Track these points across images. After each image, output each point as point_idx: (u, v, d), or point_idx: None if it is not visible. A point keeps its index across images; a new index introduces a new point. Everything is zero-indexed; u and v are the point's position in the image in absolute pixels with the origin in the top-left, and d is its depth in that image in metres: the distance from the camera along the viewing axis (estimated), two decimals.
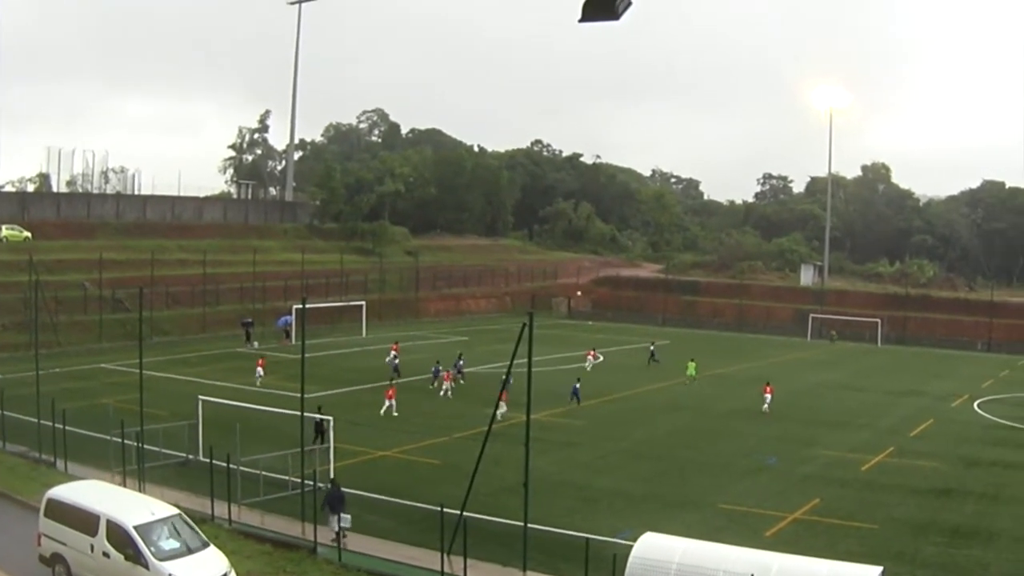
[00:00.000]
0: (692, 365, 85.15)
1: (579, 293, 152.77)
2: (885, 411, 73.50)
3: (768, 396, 73.28)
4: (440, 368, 76.78)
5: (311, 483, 37.81)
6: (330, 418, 45.62)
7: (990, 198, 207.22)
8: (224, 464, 38.51)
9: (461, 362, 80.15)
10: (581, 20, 16.70)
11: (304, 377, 39.58)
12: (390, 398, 64.66)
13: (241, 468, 40.23)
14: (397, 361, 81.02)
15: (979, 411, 74.88)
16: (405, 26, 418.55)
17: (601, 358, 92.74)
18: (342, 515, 36.71)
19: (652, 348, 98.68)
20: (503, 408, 62.91)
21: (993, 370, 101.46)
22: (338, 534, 36.37)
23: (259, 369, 76.45)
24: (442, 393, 72.44)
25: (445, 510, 33.29)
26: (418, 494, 42.25)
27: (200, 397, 49.41)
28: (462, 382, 76.60)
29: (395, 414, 63.35)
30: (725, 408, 71.80)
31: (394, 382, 71.21)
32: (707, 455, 55.37)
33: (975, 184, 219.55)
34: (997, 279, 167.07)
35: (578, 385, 72.92)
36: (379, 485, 44.30)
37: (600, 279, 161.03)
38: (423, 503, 39.81)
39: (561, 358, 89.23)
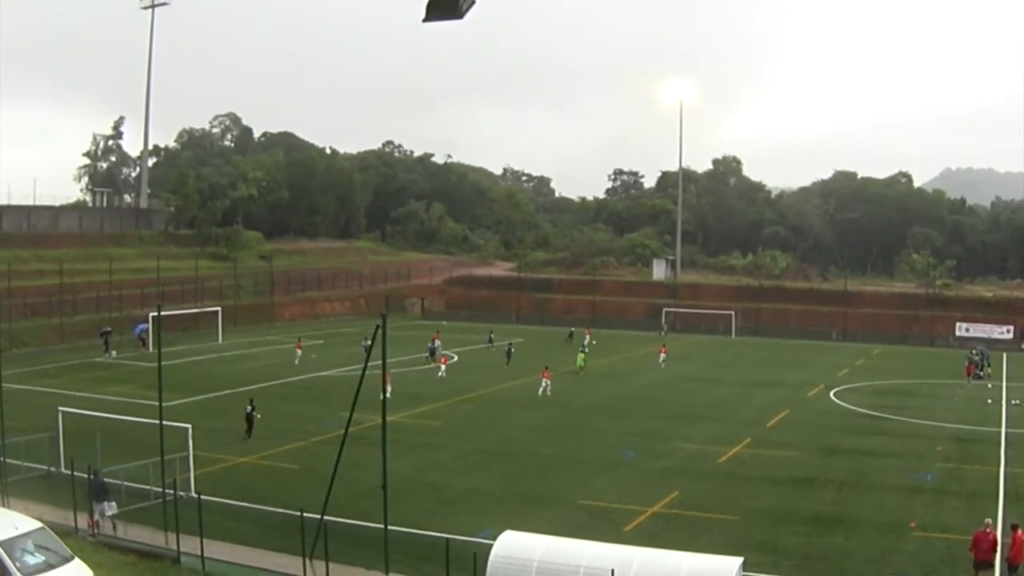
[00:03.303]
0: (581, 356, 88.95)
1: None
2: (741, 403, 74.93)
3: (663, 355, 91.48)
4: (437, 346, 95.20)
5: (172, 492, 38.13)
6: (188, 426, 45.30)
7: (842, 188, 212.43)
8: (86, 475, 38.80)
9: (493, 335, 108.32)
10: (425, 20, 17.25)
11: (161, 385, 40.01)
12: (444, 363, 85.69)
13: (103, 479, 40.26)
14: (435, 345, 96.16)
15: (836, 400, 76.58)
16: (257, 31, 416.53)
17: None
18: (107, 503, 38.04)
19: (572, 332, 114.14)
20: (546, 383, 74.47)
21: (849, 359, 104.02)
22: (97, 521, 37.91)
23: (298, 351, 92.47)
24: (439, 375, 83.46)
25: (305, 515, 33.64)
26: (278, 500, 42.07)
27: (60, 408, 48.94)
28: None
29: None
30: (581, 404, 72.42)
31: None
32: (565, 452, 55.75)
33: (827, 175, 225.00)
34: (851, 269, 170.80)
35: (586, 350, 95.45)
36: (240, 492, 44.33)
37: (453, 279, 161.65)
38: (284, 508, 39.41)
39: (416, 359, 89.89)
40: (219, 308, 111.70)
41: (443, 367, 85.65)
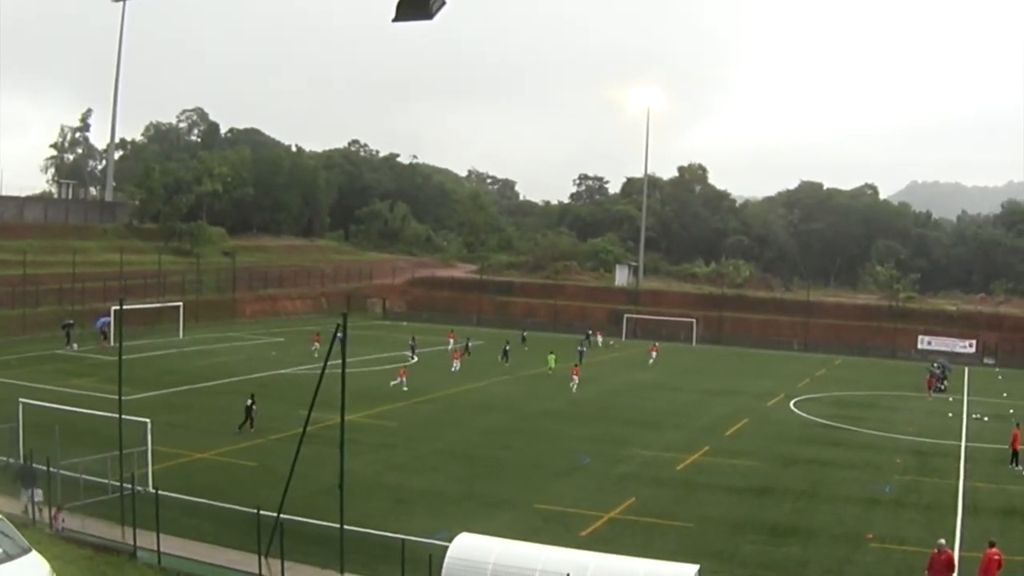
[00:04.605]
0: (552, 357, 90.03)
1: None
2: (700, 411, 74.92)
3: (654, 354, 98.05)
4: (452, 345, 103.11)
5: (130, 486, 37.99)
6: (147, 420, 44.98)
7: (808, 199, 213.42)
8: (45, 468, 38.66)
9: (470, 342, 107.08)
10: (395, 20, 17.17)
11: (122, 379, 39.84)
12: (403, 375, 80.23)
13: (61, 472, 40.00)
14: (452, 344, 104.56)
15: (795, 410, 76.82)
16: (226, 27, 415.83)
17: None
18: (34, 490, 38.11)
19: (589, 334, 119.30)
20: (575, 381, 78.34)
21: (809, 369, 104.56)
22: (33, 506, 37.94)
23: (316, 343, 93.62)
24: (453, 369, 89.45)
25: (262, 513, 33.76)
26: (236, 496, 42.01)
27: (21, 400, 48.29)
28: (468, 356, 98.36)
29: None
30: (539, 408, 72.57)
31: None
32: (522, 455, 55.87)
33: (793, 185, 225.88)
34: (814, 279, 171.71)
35: (583, 349, 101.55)
36: (197, 487, 43.91)
37: (415, 280, 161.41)
38: (241, 505, 39.39)
39: (376, 359, 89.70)
40: (181, 303, 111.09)
41: (456, 362, 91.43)
